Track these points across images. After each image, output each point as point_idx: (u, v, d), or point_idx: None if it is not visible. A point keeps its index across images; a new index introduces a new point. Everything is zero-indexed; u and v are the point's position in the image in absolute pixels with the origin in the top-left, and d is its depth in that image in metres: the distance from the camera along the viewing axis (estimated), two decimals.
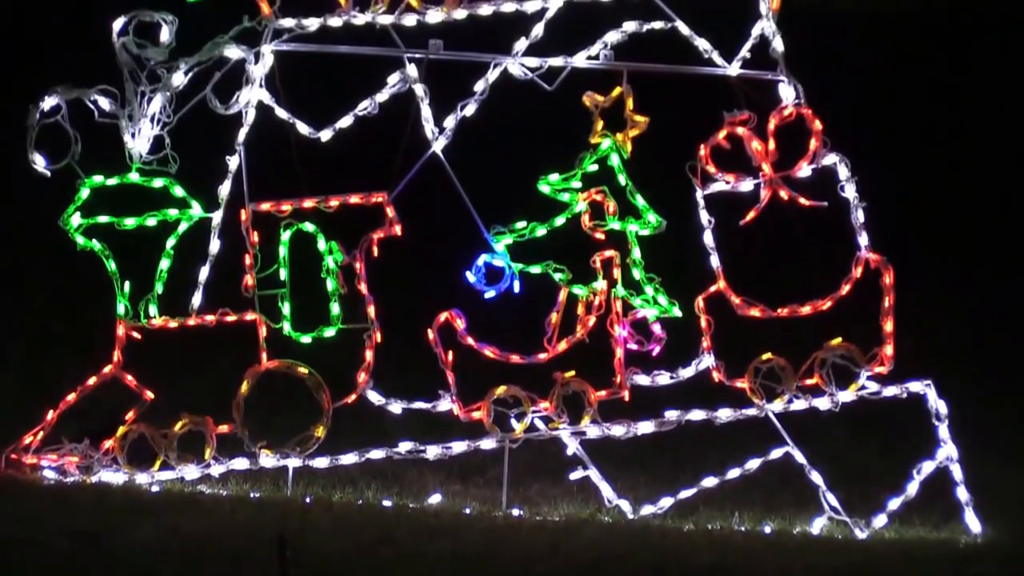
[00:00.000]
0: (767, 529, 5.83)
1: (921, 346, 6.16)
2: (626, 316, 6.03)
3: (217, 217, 6.04)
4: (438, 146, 6.06)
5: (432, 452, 6.02)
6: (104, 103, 5.97)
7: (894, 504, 5.91)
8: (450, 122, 6.08)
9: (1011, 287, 7.00)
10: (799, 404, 5.97)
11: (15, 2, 7.83)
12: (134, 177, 6.02)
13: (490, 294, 6.04)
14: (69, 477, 5.99)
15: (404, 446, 6.04)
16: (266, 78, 6.05)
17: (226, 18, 6.02)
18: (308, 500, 5.91)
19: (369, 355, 6.01)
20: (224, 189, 6.03)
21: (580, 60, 6.06)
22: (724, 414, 6.01)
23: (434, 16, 5.99)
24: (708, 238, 6.00)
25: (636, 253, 6.02)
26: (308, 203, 6.02)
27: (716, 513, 5.95)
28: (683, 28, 6.04)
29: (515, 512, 5.95)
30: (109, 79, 6.00)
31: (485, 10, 6.03)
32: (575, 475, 6.06)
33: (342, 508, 5.86)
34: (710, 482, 6.04)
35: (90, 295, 6.20)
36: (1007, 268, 7.09)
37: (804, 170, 5.93)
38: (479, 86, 6.07)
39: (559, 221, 6.04)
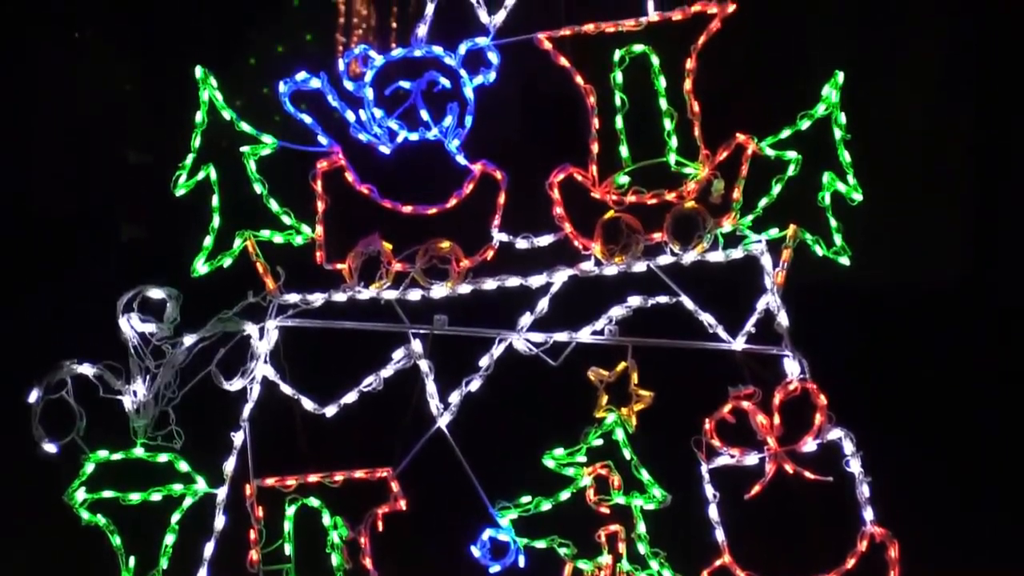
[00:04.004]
0: None
1: None
2: None
3: (222, 493, 6.02)
4: (443, 422, 6.05)
5: None
6: (109, 379, 5.94)
7: None
8: (455, 398, 6.06)
9: (1017, 559, 6.97)
10: None
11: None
12: (139, 452, 5.99)
13: (495, 569, 6.03)
14: None
15: None
16: (271, 353, 6.04)
17: (231, 293, 6.00)
18: None
19: None
20: (229, 465, 6.02)
21: (585, 335, 6.06)
22: None
23: (438, 291, 5.96)
24: (713, 512, 6.00)
25: (641, 527, 6.01)
26: (313, 478, 6.01)
27: None
28: (688, 303, 6.03)
29: None
30: (113, 355, 5.97)
31: (489, 285, 6.02)
32: None
33: None
34: None
35: (94, 570, 6.12)
36: (1015, 540, 7.06)
37: (809, 445, 5.91)
38: (484, 361, 6.06)
39: (564, 496, 6.02)
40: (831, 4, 8.12)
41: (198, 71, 5.93)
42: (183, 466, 6.01)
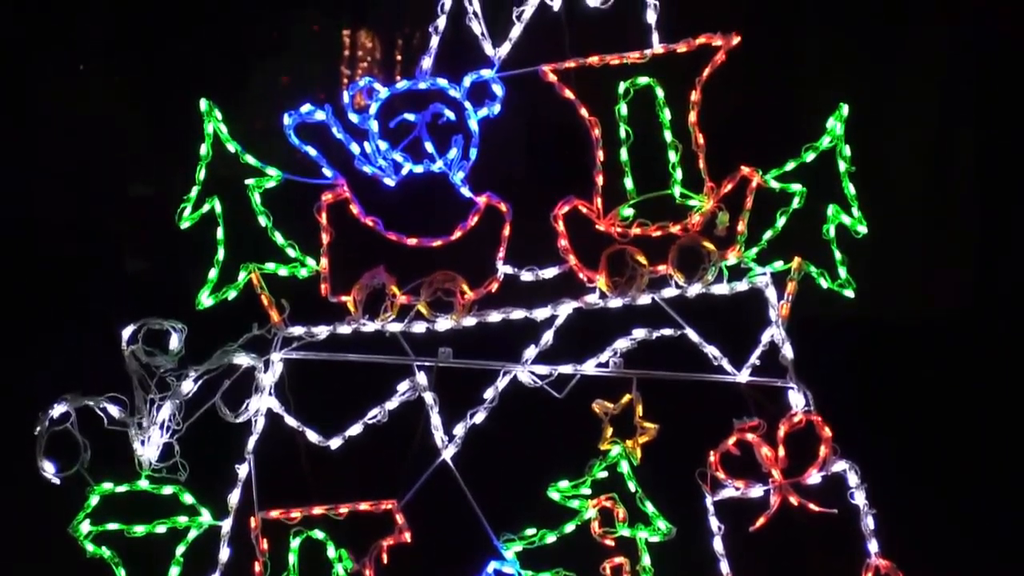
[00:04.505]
0: None
1: None
2: None
3: (227, 525, 6.02)
4: (447, 454, 6.05)
5: None
6: (113, 411, 5.93)
7: None
8: (460, 430, 6.06)
9: None
10: None
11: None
12: (143, 484, 5.98)
13: None
14: None
15: None
16: (275, 386, 6.04)
17: (235, 326, 5.99)
18: None
19: None
20: (233, 497, 6.02)
21: (590, 367, 6.05)
22: None
23: (443, 324, 5.95)
24: (718, 544, 6.00)
25: (646, 560, 6.01)
26: (317, 510, 6.01)
27: None
28: (693, 335, 6.03)
29: None
30: (118, 387, 5.97)
31: (494, 317, 6.01)
32: None
33: None
34: None
35: None
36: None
37: (814, 477, 5.91)
38: (489, 394, 6.06)
39: (569, 528, 6.02)
40: (837, 39, 8.11)
41: (203, 103, 5.94)
42: (188, 498, 6.01)
